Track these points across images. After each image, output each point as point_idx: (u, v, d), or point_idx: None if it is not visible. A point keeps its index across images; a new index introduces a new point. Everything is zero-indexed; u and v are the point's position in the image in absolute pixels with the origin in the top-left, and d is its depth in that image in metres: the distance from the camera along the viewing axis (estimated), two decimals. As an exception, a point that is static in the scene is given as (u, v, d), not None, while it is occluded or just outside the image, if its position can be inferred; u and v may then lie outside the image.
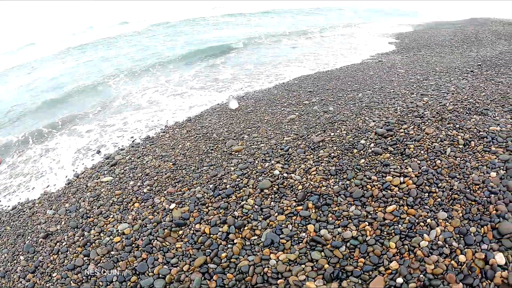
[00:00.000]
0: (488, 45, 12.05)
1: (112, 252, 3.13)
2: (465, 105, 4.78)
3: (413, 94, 5.87)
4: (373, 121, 4.52)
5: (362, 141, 3.87)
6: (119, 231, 3.35)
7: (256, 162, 4.01)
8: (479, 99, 5.09)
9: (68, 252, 3.34)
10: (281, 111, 6.20)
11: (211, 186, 3.66)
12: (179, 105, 8.19)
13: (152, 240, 3.09)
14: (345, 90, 7.15)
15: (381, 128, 4.08)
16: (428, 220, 2.63)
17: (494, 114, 4.43)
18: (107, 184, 4.56)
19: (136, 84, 10.80)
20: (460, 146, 3.51)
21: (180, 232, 3.13)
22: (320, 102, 6.40)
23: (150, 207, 3.62)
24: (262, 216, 3.00)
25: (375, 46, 15.40)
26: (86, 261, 3.15)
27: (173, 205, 3.48)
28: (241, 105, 7.21)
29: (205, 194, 3.53)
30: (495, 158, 3.22)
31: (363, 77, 8.40)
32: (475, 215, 2.62)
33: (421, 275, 2.25)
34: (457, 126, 3.95)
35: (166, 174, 4.35)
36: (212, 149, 4.85)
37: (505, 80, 6.42)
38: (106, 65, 14.25)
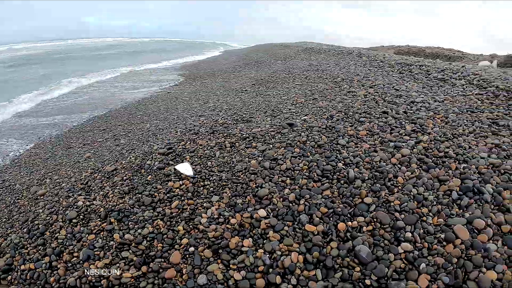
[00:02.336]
0: (265, 66, 15.40)
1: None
2: (234, 117, 6.63)
3: (193, 116, 7.64)
4: (157, 144, 5.82)
5: (148, 162, 5.02)
6: None
7: (61, 199, 4.67)
8: (246, 111, 7.07)
9: None
10: (78, 152, 7.04)
11: (25, 230, 4.18)
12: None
13: (-15, 295, 3.48)
14: (135, 123, 8.51)
15: (163, 148, 5.35)
16: (205, 204, 3.92)
17: (257, 120, 6.34)
18: None
19: None
20: (228, 148, 5.09)
21: (9, 277, 3.58)
22: (112, 138, 7.54)
23: (-29, 268, 3.96)
24: (76, 240, 3.72)
25: (166, 79, 17.36)
26: None
27: (-6, 258, 3.88)
28: (39, 152, 7.68)
29: (22, 238, 4.02)
30: (255, 150, 4.88)
31: (152, 109, 9.94)
32: (240, 191, 4.06)
33: (206, 240, 3.45)
34: (225, 134, 5.61)
35: (-23, 234, 4.60)
36: (18, 199, 5.26)
37: (272, 93, 8.84)
38: None
